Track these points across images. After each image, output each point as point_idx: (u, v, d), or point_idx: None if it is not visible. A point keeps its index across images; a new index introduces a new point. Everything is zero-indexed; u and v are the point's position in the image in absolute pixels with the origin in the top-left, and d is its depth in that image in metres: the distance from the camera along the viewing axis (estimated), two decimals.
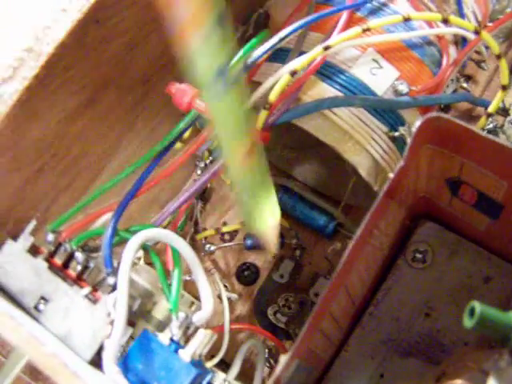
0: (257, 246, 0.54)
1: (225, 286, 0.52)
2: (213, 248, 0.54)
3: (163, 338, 0.37)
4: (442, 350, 0.47)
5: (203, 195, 0.55)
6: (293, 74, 0.42)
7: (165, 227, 0.49)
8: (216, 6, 0.25)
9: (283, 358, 0.35)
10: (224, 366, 0.47)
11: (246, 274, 0.54)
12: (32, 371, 0.43)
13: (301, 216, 0.54)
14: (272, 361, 0.49)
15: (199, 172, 0.53)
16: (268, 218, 0.42)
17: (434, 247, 0.49)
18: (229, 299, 0.51)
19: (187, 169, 0.55)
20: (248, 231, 0.47)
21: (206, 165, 0.53)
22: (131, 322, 0.39)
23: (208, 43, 0.26)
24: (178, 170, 0.44)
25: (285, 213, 0.54)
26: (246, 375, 0.47)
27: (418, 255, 0.49)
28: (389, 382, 0.47)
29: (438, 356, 0.47)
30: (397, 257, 0.50)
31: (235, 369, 0.44)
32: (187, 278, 0.47)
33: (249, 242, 0.54)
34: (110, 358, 0.35)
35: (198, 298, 0.47)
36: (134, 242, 0.37)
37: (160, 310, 0.42)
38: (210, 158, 0.51)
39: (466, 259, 0.49)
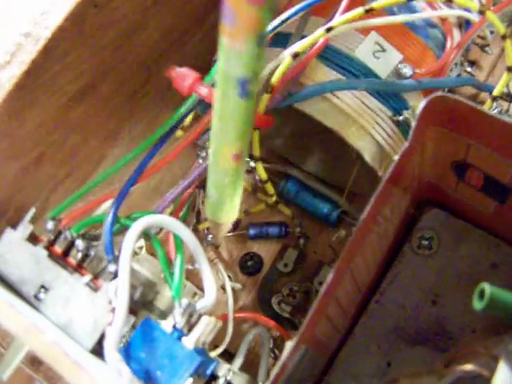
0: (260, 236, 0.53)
1: (228, 276, 0.51)
2: None
3: (166, 325, 0.37)
4: (449, 337, 0.46)
5: (205, 185, 0.54)
6: (295, 56, 0.42)
7: None
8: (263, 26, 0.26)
9: (289, 344, 0.35)
10: (228, 356, 0.46)
11: (249, 264, 0.53)
12: (33, 362, 0.43)
13: (304, 204, 0.53)
14: (276, 351, 0.49)
15: (201, 161, 0.52)
16: (227, 215, 0.42)
17: (440, 234, 0.49)
18: (232, 289, 0.50)
19: (188, 158, 0.54)
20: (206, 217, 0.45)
21: (207, 154, 0.52)
22: (133, 311, 0.39)
23: (245, 55, 0.27)
24: (179, 160, 0.44)
25: (288, 201, 0.54)
26: (250, 365, 0.46)
27: (424, 242, 0.49)
28: (396, 371, 0.46)
29: (445, 343, 0.46)
30: (402, 244, 0.49)
31: (240, 358, 0.43)
32: (189, 267, 0.46)
33: (252, 231, 0.53)
34: (111, 346, 0.34)
35: (200, 288, 0.47)
36: (136, 227, 0.36)
37: (162, 300, 0.42)
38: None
39: (473, 246, 0.48)
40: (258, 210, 0.53)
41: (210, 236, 0.52)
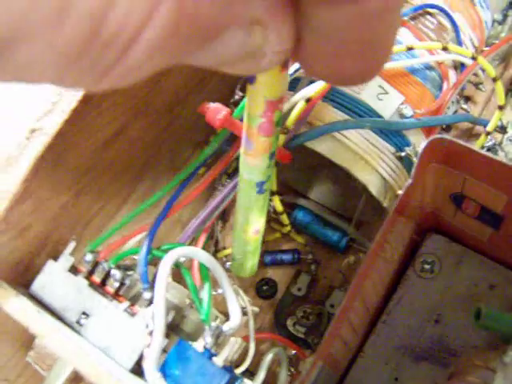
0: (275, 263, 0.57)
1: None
2: None
3: (197, 346, 0.41)
4: (451, 354, 0.50)
5: (223, 216, 0.58)
6: (307, 100, 0.46)
7: None
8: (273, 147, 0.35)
9: (308, 360, 0.39)
10: (248, 374, 0.50)
11: (265, 289, 0.57)
12: (71, 382, 0.46)
13: (315, 232, 0.57)
14: (292, 369, 0.52)
15: (218, 194, 0.56)
16: (249, 271, 0.49)
17: (441, 258, 0.53)
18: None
19: (206, 192, 0.58)
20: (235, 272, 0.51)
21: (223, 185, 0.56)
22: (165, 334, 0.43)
23: (261, 167, 0.36)
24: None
25: (300, 230, 0.58)
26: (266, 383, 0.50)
27: (426, 266, 0.52)
28: None
29: (449, 360, 0.50)
30: (406, 268, 0.53)
31: (261, 376, 0.47)
32: (213, 292, 0.50)
33: (267, 258, 0.57)
34: (151, 365, 0.38)
35: (220, 312, 0.50)
36: (169, 258, 0.40)
37: (188, 324, 0.46)
38: (228, 180, 0.55)
39: (472, 268, 0.52)
40: (273, 239, 0.58)
41: (229, 263, 0.56)
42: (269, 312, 0.56)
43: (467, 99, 0.59)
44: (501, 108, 0.51)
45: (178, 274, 0.45)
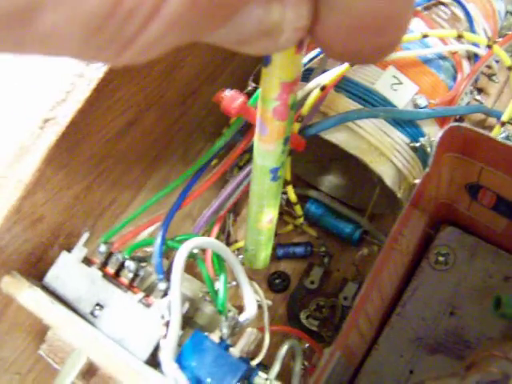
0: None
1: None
2: None
3: (214, 337, 0.40)
4: (467, 346, 0.50)
5: (235, 209, 0.58)
6: (322, 88, 0.46)
7: None
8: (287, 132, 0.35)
9: (327, 350, 0.38)
10: (262, 367, 0.49)
11: (277, 282, 0.57)
12: (84, 375, 0.46)
13: (328, 225, 0.56)
14: (305, 363, 0.52)
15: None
16: (262, 263, 0.49)
17: (455, 250, 0.52)
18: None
19: (217, 184, 0.58)
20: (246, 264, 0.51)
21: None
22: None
23: (275, 153, 0.36)
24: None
25: (313, 223, 0.57)
26: (280, 376, 0.49)
27: (441, 258, 0.52)
28: (418, 378, 0.49)
29: (464, 352, 0.50)
30: (421, 260, 0.53)
31: (276, 368, 0.46)
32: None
33: (280, 251, 0.57)
34: (168, 356, 0.37)
35: (233, 305, 0.50)
36: (185, 247, 0.40)
37: (201, 316, 0.45)
38: (239, 173, 0.54)
39: (486, 260, 0.52)
40: (286, 231, 0.57)
41: (241, 256, 0.56)
42: (281, 305, 0.56)
43: (480, 91, 0.59)
44: None
45: (189, 266, 0.45)
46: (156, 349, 0.39)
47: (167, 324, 0.39)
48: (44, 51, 0.19)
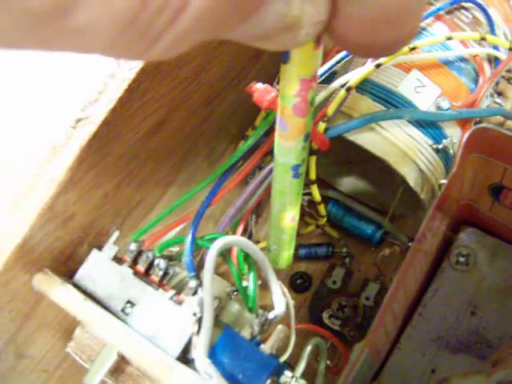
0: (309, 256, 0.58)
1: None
2: None
3: (245, 333, 0.41)
4: (488, 345, 0.50)
5: (257, 210, 0.59)
6: (348, 89, 0.46)
7: None
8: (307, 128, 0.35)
9: (357, 347, 0.39)
10: (287, 366, 0.50)
11: (298, 282, 0.57)
12: (112, 372, 0.46)
13: (349, 226, 0.57)
14: (328, 362, 0.52)
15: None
16: (285, 263, 0.48)
17: (476, 251, 0.53)
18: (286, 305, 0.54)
19: (239, 186, 0.58)
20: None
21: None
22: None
23: (296, 149, 0.36)
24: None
25: (334, 224, 0.58)
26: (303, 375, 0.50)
27: (461, 259, 0.53)
28: (440, 377, 0.50)
29: (485, 351, 0.50)
30: (442, 261, 0.53)
31: (302, 365, 0.47)
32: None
33: (302, 252, 0.57)
34: (201, 352, 0.38)
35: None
36: (216, 246, 0.40)
37: (227, 315, 0.46)
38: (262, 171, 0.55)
39: (507, 261, 0.52)
40: (307, 232, 0.58)
41: None
42: (303, 306, 0.57)
43: (499, 94, 0.60)
44: None
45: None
46: (187, 346, 0.40)
47: (199, 321, 0.39)
48: (78, 47, 0.19)
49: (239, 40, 0.23)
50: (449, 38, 0.49)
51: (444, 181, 0.43)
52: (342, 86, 0.47)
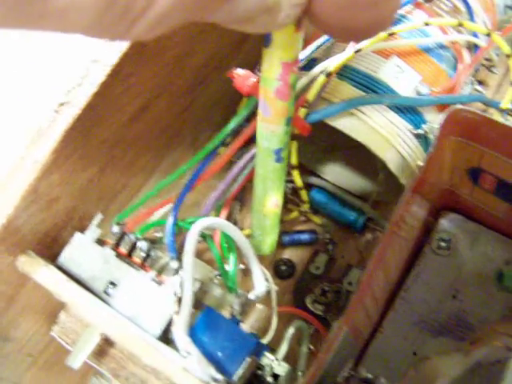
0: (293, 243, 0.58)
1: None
2: None
3: (225, 313, 0.41)
4: (469, 328, 0.51)
5: (241, 198, 0.59)
6: (328, 75, 0.47)
7: None
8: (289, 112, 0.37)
9: (335, 325, 0.40)
10: (269, 349, 0.50)
11: (283, 269, 0.58)
12: (96, 355, 0.47)
13: (332, 213, 0.58)
14: (311, 346, 0.53)
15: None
16: (269, 249, 0.49)
17: (457, 236, 0.54)
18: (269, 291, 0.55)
19: (223, 173, 0.59)
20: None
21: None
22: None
23: (278, 133, 0.38)
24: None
25: (317, 210, 0.59)
26: (286, 359, 0.50)
27: (443, 244, 0.53)
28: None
29: (466, 334, 0.51)
30: (423, 246, 0.54)
31: (284, 348, 0.47)
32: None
33: (285, 239, 0.58)
34: (181, 330, 0.38)
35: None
36: (197, 226, 0.41)
37: (210, 299, 0.46)
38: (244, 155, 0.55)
39: (487, 245, 0.53)
40: (291, 219, 0.58)
41: None
42: (287, 292, 0.57)
43: (480, 83, 0.60)
44: None
45: (197, 253, 0.46)
46: (168, 326, 0.41)
47: (179, 300, 0.40)
48: (59, 27, 0.20)
49: (221, 23, 0.23)
50: (426, 24, 0.49)
51: (421, 163, 0.43)
52: (322, 73, 0.48)
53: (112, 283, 0.43)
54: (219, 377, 0.37)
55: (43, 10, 0.19)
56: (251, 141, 0.51)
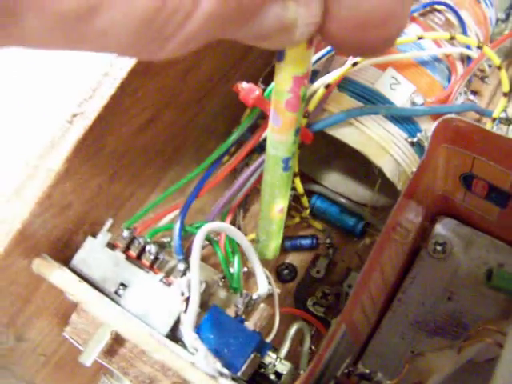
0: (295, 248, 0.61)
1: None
2: None
3: (230, 312, 0.44)
4: (464, 328, 0.53)
5: (245, 205, 0.61)
6: (327, 86, 0.50)
7: None
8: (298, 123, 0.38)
9: (333, 321, 0.42)
10: (272, 349, 0.53)
11: (285, 273, 0.60)
12: (106, 354, 0.49)
13: (332, 219, 0.60)
14: (312, 347, 0.55)
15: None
16: (273, 253, 0.51)
17: (452, 239, 0.56)
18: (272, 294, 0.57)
19: (227, 182, 0.61)
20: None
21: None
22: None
23: (287, 143, 0.39)
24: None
25: (318, 216, 0.61)
26: (288, 357, 0.52)
27: (438, 247, 0.56)
28: None
29: (461, 334, 0.53)
30: (419, 249, 0.56)
31: (285, 347, 0.50)
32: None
33: (287, 244, 0.60)
34: (189, 327, 0.41)
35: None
36: (203, 230, 0.43)
37: (216, 301, 0.48)
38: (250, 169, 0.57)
39: (481, 249, 0.55)
40: (293, 223, 0.61)
41: None
42: (289, 295, 0.59)
43: (474, 93, 0.63)
44: (505, 95, 0.54)
45: (203, 257, 0.48)
46: (176, 325, 0.43)
47: (187, 300, 0.42)
48: (99, 48, 0.21)
49: (240, 39, 0.26)
50: (420, 38, 0.52)
51: (414, 169, 0.45)
52: (322, 85, 0.50)
53: (122, 284, 0.45)
54: (225, 371, 0.39)
55: (84, 32, 0.20)
56: (255, 151, 0.54)
